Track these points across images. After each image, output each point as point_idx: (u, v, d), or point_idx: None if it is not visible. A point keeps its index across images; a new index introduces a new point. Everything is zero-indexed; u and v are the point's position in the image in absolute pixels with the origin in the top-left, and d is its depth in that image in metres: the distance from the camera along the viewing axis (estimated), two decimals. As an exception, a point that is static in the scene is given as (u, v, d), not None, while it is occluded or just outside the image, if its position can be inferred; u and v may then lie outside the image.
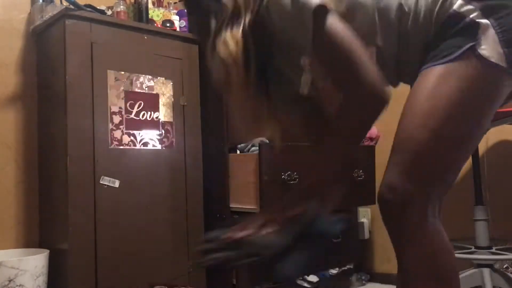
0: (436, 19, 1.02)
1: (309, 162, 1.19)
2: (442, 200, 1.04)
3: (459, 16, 0.99)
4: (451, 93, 0.97)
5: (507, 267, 2.02)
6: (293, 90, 1.12)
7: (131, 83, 1.83)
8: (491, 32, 0.97)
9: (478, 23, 0.97)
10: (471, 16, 0.98)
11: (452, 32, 1.00)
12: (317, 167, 1.07)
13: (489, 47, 0.97)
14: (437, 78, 0.98)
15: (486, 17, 0.98)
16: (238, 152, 1.97)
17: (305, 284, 2.06)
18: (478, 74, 0.98)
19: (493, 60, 0.97)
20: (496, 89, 1.01)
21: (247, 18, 0.98)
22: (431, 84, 0.99)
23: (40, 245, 1.91)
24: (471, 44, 0.97)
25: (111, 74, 1.78)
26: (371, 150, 2.25)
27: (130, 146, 1.81)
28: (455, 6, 1.00)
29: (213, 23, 1.04)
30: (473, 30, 0.98)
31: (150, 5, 2.06)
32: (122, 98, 1.80)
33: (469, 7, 0.99)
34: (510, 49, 0.97)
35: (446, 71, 0.98)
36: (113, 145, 1.76)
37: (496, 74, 0.99)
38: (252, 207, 1.74)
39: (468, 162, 2.15)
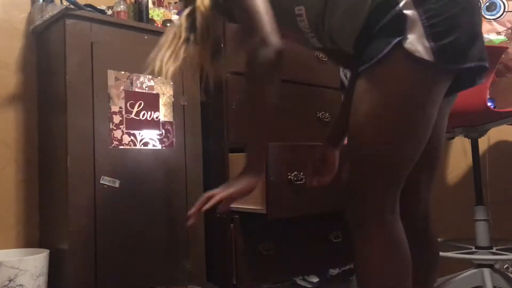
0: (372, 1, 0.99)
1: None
2: (397, 197, 1.04)
3: (388, 3, 0.96)
4: (384, 97, 0.97)
5: (507, 267, 2.02)
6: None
7: (131, 83, 1.83)
8: (419, 24, 0.93)
9: (405, 15, 0.94)
10: (401, 4, 0.95)
11: (382, 24, 0.97)
12: None
13: (414, 41, 0.93)
14: (371, 83, 0.98)
15: (416, 7, 0.94)
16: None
17: (305, 284, 2.06)
18: (406, 71, 0.96)
19: (417, 54, 0.93)
20: (427, 85, 0.97)
21: None
22: (367, 90, 0.99)
23: (40, 245, 1.91)
24: (397, 39, 0.94)
25: (111, 74, 1.78)
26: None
27: (130, 146, 1.81)
28: None
29: None
30: (400, 23, 0.94)
31: (150, 5, 2.06)
32: (122, 98, 1.80)
33: None
34: (439, 43, 0.93)
35: (378, 72, 0.97)
36: (113, 145, 1.76)
37: (423, 69, 0.95)
38: (258, 208, 1.74)
39: (469, 162, 2.15)
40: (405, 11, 0.94)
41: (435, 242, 1.29)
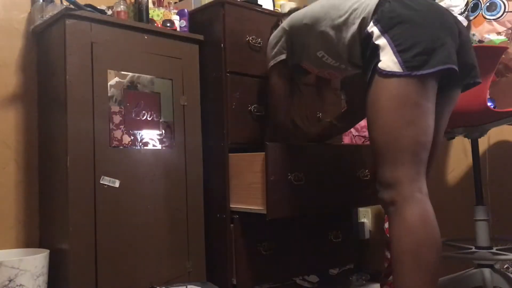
0: (359, 35, 1.38)
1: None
2: (424, 177, 1.26)
3: (369, 36, 1.30)
4: (381, 105, 1.27)
5: (507, 267, 2.02)
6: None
7: (131, 83, 1.83)
8: (388, 47, 1.25)
9: (378, 45, 1.27)
10: (373, 38, 1.29)
11: (368, 53, 1.32)
12: None
13: (386, 60, 1.25)
14: (369, 98, 1.31)
15: (384, 33, 1.27)
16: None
17: (305, 284, 2.06)
18: (385, 85, 1.26)
19: (388, 69, 1.24)
20: (407, 88, 1.24)
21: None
22: (369, 104, 1.31)
23: (40, 245, 1.91)
24: (375, 62, 1.28)
25: (111, 74, 1.78)
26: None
27: (130, 146, 1.81)
28: (368, 28, 1.32)
29: None
30: (376, 51, 1.28)
31: (150, 5, 2.06)
32: (122, 98, 1.80)
33: (374, 28, 1.30)
34: (404, 57, 1.23)
35: (372, 88, 1.30)
36: (113, 145, 1.76)
37: (397, 79, 1.23)
38: (259, 208, 1.74)
39: (469, 162, 2.15)
40: (377, 42, 1.28)
41: None
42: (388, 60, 1.24)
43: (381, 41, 1.26)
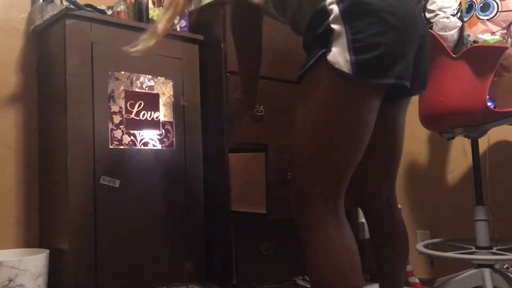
0: (314, 6, 1.06)
1: None
2: (337, 198, 1.06)
3: (324, 13, 1.02)
4: (310, 103, 1.03)
5: (507, 267, 2.02)
6: None
7: (131, 83, 1.83)
8: (343, 38, 0.99)
9: (333, 29, 1.00)
10: (330, 18, 1.00)
11: (315, 35, 1.04)
12: None
13: (337, 53, 0.99)
14: (301, 89, 1.07)
15: (344, 23, 0.99)
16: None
17: (305, 284, 2.06)
18: (327, 80, 1.01)
19: (337, 66, 0.98)
20: (349, 94, 1.01)
21: None
22: (298, 96, 1.07)
23: (40, 245, 1.91)
24: (323, 51, 1.01)
25: (111, 74, 1.78)
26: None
27: (130, 146, 1.81)
28: (327, 1, 1.02)
29: None
30: (328, 36, 1.01)
31: (150, 5, 2.06)
32: (122, 98, 1.80)
33: (333, 6, 1.01)
34: (359, 57, 0.97)
35: (306, 80, 1.05)
36: (113, 145, 1.76)
37: (343, 80, 0.99)
38: (259, 208, 1.74)
39: (469, 162, 2.15)
40: (333, 25, 1.00)
41: (402, 233, 1.38)
42: (338, 55, 0.99)
43: (337, 27, 0.99)
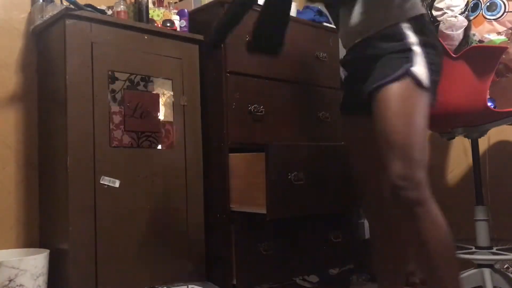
0: (386, 19, 1.37)
1: None
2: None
3: (402, 34, 1.33)
4: (409, 103, 1.29)
5: (507, 267, 2.02)
6: None
7: (131, 83, 1.83)
8: (422, 59, 1.30)
9: (414, 50, 1.31)
10: (411, 40, 1.32)
11: (394, 49, 1.33)
12: None
13: (419, 68, 1.30)
14: (393, 94, 1.29)
15: (420, 47, 1.31)
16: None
17: (305, 284, 2.06)
18: (411, 88, 1.29)
19: (419, 77, 1.28)
20: (424, 100, 1.30)
21: None
22: (393, 99, 1.29)
23: (40, 245, 1.90)
24: (409, 65, 1.30)
25: (111, 74, 1.78)
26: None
27: (130, 146, 1.81)
28: (403, 24, 1.34)
29: None
30: (410, 54, 1.31)
31: (150, 5, 2.06)
32: (122, 98, 1.80)
33: (411, 35, 1.32)
34: (433, 77, 1.30)
35: (397, 87, 1.29)
36: (113, 145, 1.76)
37: (420, 89, 1.29)
38: (259, 208, 1.74)
39: (469, 162, 2.15)
40: (414, 48, 1.31)
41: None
42: (420, 69, 1.29)
43: (418, 49, 1.32)
